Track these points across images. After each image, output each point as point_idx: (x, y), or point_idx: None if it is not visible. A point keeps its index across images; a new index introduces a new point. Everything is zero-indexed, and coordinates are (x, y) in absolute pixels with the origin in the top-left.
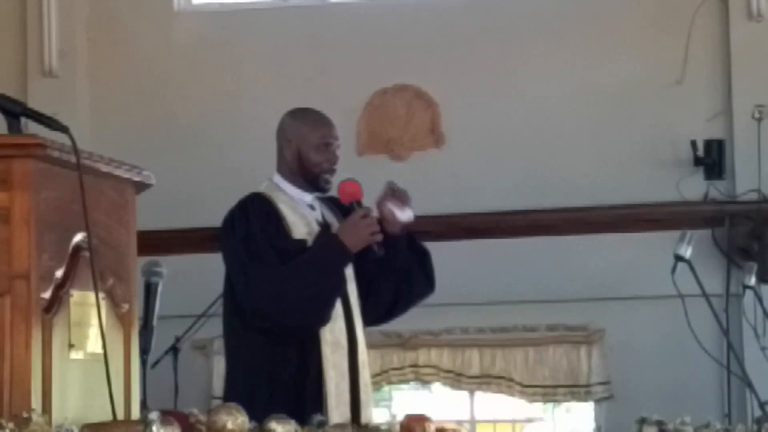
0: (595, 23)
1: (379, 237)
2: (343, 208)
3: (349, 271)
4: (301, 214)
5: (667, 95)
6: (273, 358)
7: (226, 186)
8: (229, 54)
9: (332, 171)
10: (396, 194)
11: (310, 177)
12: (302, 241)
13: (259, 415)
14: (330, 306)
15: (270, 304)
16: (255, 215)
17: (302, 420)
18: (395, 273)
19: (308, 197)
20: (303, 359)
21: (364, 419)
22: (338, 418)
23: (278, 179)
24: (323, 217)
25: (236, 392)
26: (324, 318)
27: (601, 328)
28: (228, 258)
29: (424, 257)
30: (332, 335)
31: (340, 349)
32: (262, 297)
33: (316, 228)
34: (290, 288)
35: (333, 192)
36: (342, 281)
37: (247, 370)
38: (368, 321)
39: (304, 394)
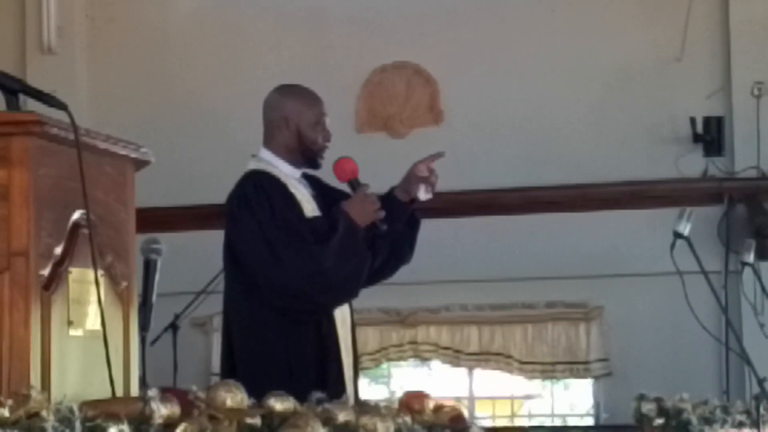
0: (594, 0)
1: (382, 214)
2: (319, 184)
3: None
4: (302, 191)
5: (666, 72)
6: (291, 336)
7: (226, 163)
8: (229, 31)
9: (326, 148)
10: (430, 178)
11: (309, 155)
12: (320, 218)
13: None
14: (361, 283)
15: (306, 282)
16: (273, 193)
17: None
18: (391, 242)
19: (297, 174)
20: (321, 338)
21: (359, 390)
22: (350, 390)
23: (269, 156)
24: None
25: (250, 371)
26: (355, 295)
27: (600, 305)
28: (246, 237)
29: (414, 227)
30: (341, 312)
31: (346, 325)
32: (297, 274)
33: (315, 205)
34: (328, 266)
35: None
36: (367, 258)
37: (261, 349)
38: None
39: (326, 371)
